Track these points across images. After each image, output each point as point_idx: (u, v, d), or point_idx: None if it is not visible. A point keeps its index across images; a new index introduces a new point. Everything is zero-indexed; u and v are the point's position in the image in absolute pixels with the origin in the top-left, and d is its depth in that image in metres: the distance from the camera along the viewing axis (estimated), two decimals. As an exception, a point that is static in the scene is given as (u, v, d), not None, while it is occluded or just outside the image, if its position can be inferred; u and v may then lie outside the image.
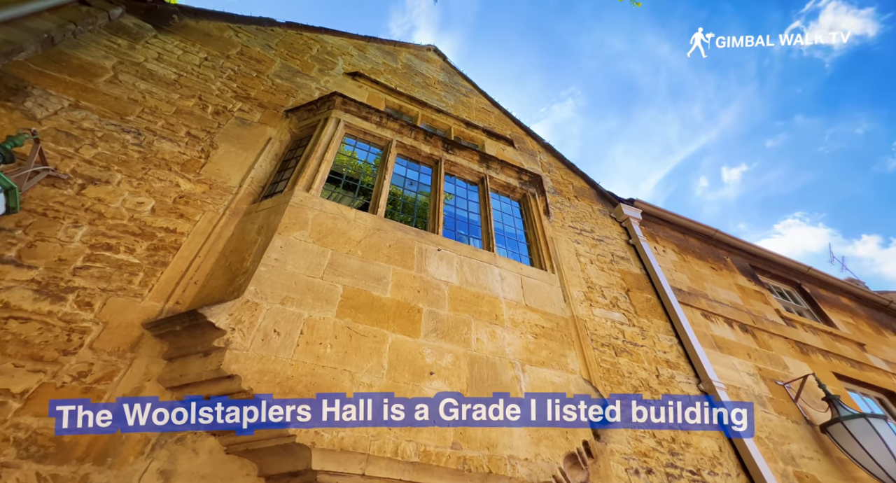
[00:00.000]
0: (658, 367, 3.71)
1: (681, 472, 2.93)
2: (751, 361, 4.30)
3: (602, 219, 5.48)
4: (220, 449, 2.00)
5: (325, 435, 1.88)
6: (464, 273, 3.19)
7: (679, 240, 5.88)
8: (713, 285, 5.26)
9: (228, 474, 1.96)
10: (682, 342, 4.08)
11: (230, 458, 2.00)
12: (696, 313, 4.58)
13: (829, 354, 5.07)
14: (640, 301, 4.40)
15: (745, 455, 3.17)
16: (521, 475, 2.17)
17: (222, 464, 1.98)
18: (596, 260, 4.65)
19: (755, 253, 6.43)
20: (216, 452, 2.00)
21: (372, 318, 2.52)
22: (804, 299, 6.39)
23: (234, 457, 2.01)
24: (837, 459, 3.61)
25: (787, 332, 5.03)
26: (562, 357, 2.99)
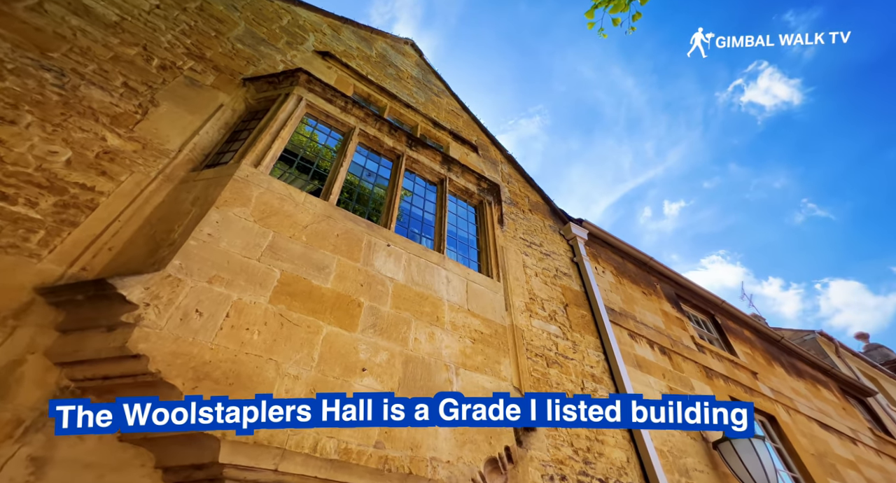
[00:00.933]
0: (584, 381, 3.91)
1: (591, 479, 3.09)
2: (664, 381, 4.67)
3: (552, 235, 5.71)
4: (114, 435, 1.80)
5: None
6: (411, 271, 3.15)
7: (618, 263, 6.28)
8: (642, 309, 5.66)
9: (119, 464, 1.76)
10: (609, 359, 4.34)
11: (123, 446, 1.80)
12: (623, 333, 4.89)
13: (729, 380, 5.65)
14: (576, 317, 4.62)
15: (648, 466, 3.43)
16: (440, 477, 2.17)
17: (113, 452, 1.78)
18: (541, 273, 4.83)
19: (681, 283, 7.03)
20: (108, 439, 1.79)
21: (308, 308, 2.40)
22: (715, 329, 7.09)
23: (129, 445, 1.81)
24: (722, 473, 4.02)
25: (698, 358, 5.54)
26: (496, 364, 3.05)
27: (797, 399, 6.74)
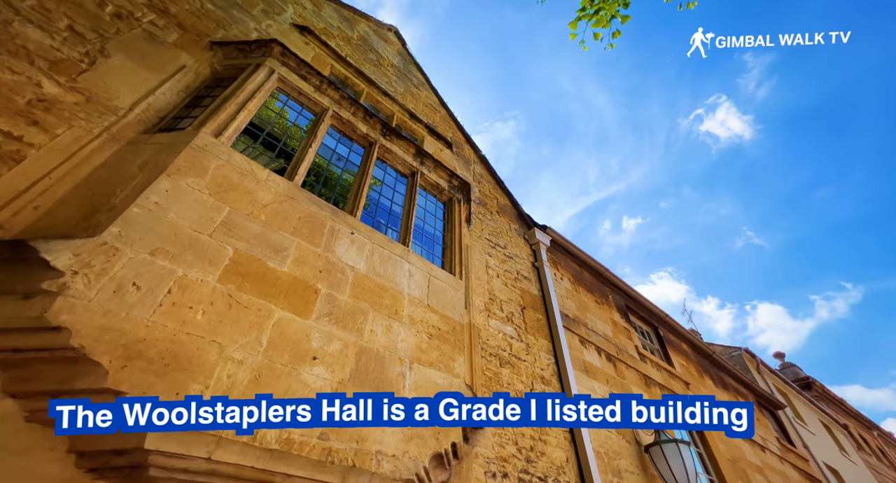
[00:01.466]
0: (534, 382, 4.01)
1: (531, 477, 3.18)
2: (607, 387, 4.90)
3: (516, 238, 5.81)
4: (20, 415, 1.61)
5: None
6: (373, 262, 3.08)
7: (576, 271, 6.51)
8: (594, 317, 5.90)
9: (24, 447, 1.58)
10: (559, 362, 4.48)
11: (31, 428, 1.62)
12: (575, 338, 5.08)
13: (664, 388, 6.03)
14: (532, 320, 4.74)
15: (585, 466, 3.58)
16: (385, 471, 2.13)
17: (18, 434, 1.59)
18: (503, 275, 4.90)
19: (632, 295, 7.41)
20: (13, 419, 1.60)
21: (261, 290, 2.28)
22: (657, 340, 7.54)
23: (38, 426, 1.62)
24: (651, 475, 4.28)
25: (640, 366, 5.86)
26: (451, 360, 3.05)
27: (721, 409, 7.31)
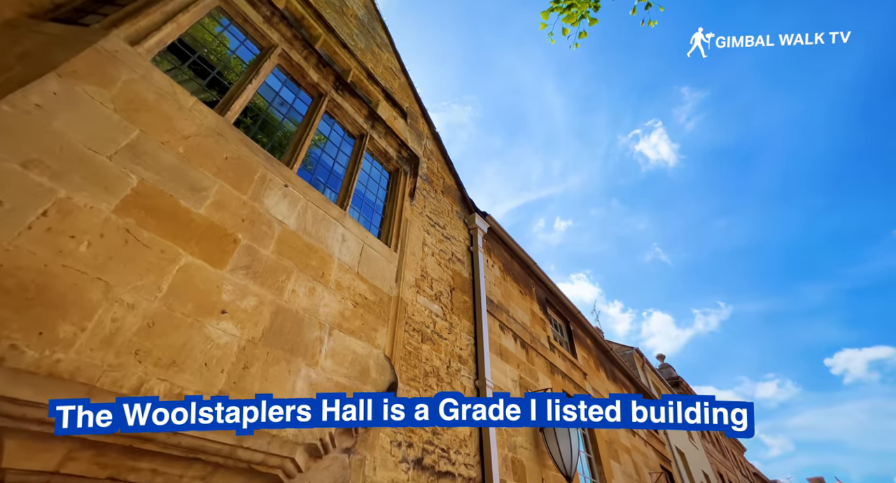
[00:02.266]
0: (451, 360, 4.13)
1: (435, 448, 3.30)
2: (518, 371, 5.23)
3: (456, 220, 5.85)
4: None
5: (27, 350, 1.36)
6: (305, 220, 2.88)
7: (507, 261, 6.77)
8: (516, 305, 6.22)
9: None
10: (478, 344, 4.66)
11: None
12: (496, 324, 5.31)
13: (566, 377, 6.61)
14: (459, 301, 4.85)
15: (485, 441, 3.80)
16: (287, 434, 2.04)
17: None
18: (438, 254, 4.92)
19: (553, 291, 7.93)
20: None
21: (168, 231, 2.01)
22: (567, 334, 8.21)
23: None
24: (541, 451, 4.70)
25: (548, 355, 6.34)
26: (373, 331, 3.00)
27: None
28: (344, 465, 2.45)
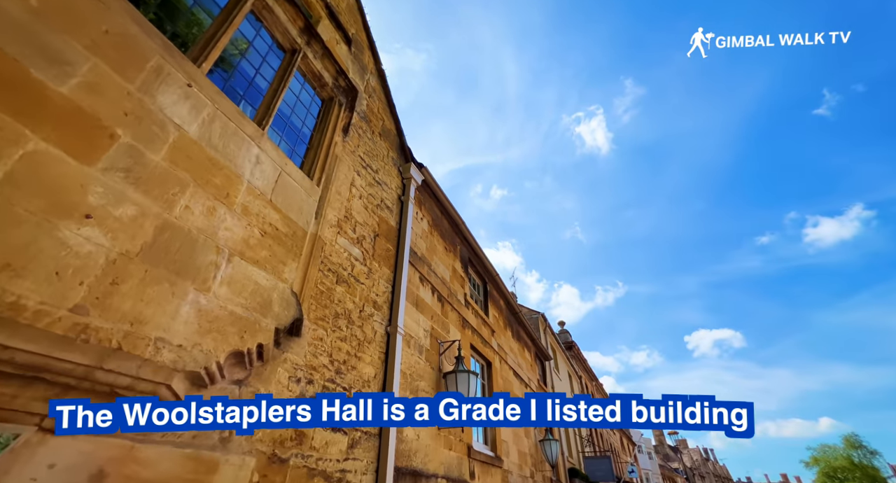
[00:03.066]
0: (365, 305, 4.10)
1: (337, 386, 3.31)
2: (431, 322, 5.40)
3: (390, 167, 5.62)
4: None
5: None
6: (212, 131, 2.50)
7: (436, 216, 6.76)
8: (439, 261, 6.32)
9: None
10: (395, 292, 4.67)
11: None
12: (416, 275, 5.35)
13: (476, 332, 7.04)
14: (382, 249, 4.76)
15: (389, 382, 3.93)
16: (163, 360, 1.85)
17: None
18: (366, 197, 4.71)
19: (477, 252, 8.19)
20: None
21: (12, 106, 1.58)
22: (483, 293, 8.66)
23: None
24: (442, 396, 5.02)
25: (462, 311, 6.65)
26: (281, 264, 2.81)
27: (510, 354, 9.04)
28: (233, 397, 2.34)
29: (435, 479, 4.36)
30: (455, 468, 4.94)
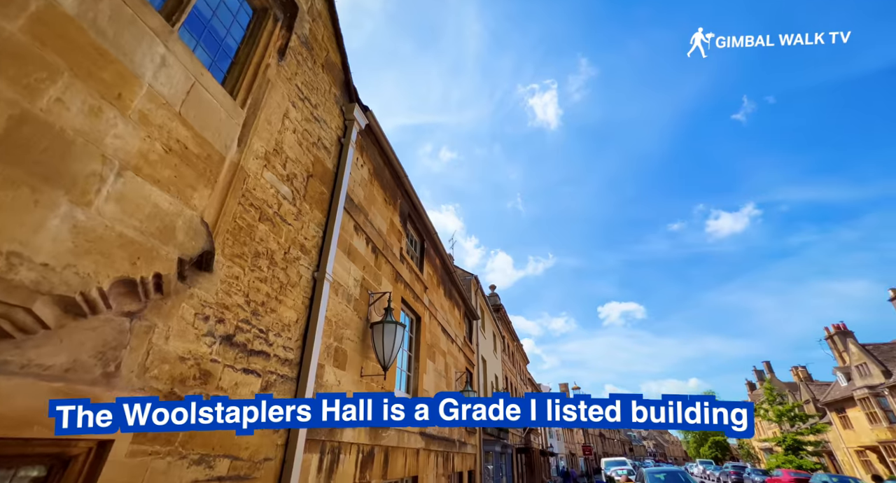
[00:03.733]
0: (292, 247, 3.84)
1: (252, 328, 3.13)
2: (362, 272, 5.29)
3: (332, 104, 5.15)
4: None
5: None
6: (98, 12, 2.01)
7: (378, 165, 6.46)
8: (377, 211, 6.11)
9: None
10: (326, 238, 4.44)
11: None
12: (350, 223, 5.13)
13: (408, 286, 7.08)
14: (316, 191, 4.44)
15: (312, 328, 3.81)
16: (20, 278, 1.54)
17: None
18: (301, 133, 4.29)
19: (417, 208, 8.06)
20: None
21: None
22: (420, 250, 8.66)
23: None
24: (367, 345, 5.05)
25: (397, 265, 6.60)
26: (191, 188, 2.46)
27: (440, 311, 9.32)
28: (120, 330, 2.07)
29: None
30: (374, 413, 5.09)
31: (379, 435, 5.09)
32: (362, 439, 4.59)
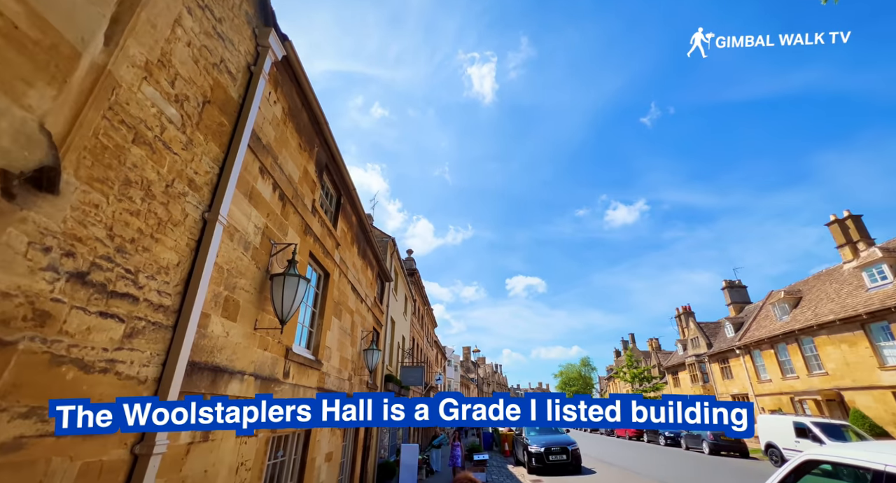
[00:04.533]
0: (177, 180, 3.33)
1: (116, 267, 2.69)
2: (266, 220, 4.86)
3: (243, 23, 4.43)
4: None
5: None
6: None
7: (295, 106, 5.84)
8: (289, 156, 5.58)
9: None
10: (223, 176, 3.94)
11: None
12: (256, 165, 4.62)
13: (318, 241, 6.75)
14: (213, 120, 3.86)
15: (196, 274, 3.42)
16: None
17: None
18: (199, 48, 3.62)
19: (336, 160, 7.57)
20: None
21: None
22: (336, 205, 8.24)
23: None
24: (264, 297, 4.74)
25: (307, 217, 6.20)
26: (23, 83, 1.93)
27: (351, 269, 9.12)
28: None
29: (241, 377, 4.22)
30: (268, 367, 4.89)
31: (271, 389, 4.93)
32: (250, 393, 4.40)
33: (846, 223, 24.52)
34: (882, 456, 2.80)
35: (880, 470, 2.75)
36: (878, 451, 2.93)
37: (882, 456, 2.80)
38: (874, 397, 19.04)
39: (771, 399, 25.50)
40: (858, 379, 19.72)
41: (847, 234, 24.37)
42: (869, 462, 2.84)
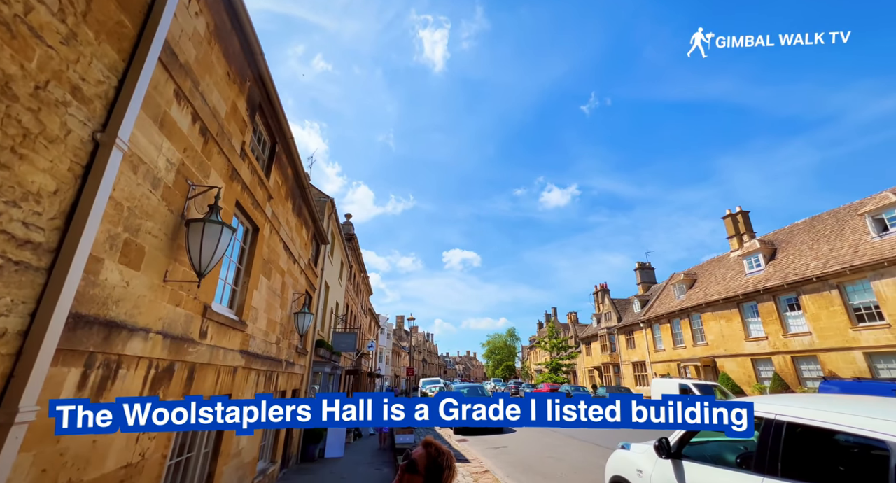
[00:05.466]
0: (53, 83, 2.57)
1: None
2: (182, 155, 4.10)
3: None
4: None
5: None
6: None
7: (224, 26, 4.91)
8: (213, 85, 4.73)
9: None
10: (122, 92, 3.15)
11: None
12: (170, 86, 3.81)
13: (247, 189, 5.98)
14: (109, 17, 3.03)
15: (83, 208, 2.74)
16: None
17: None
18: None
19: (272, 101, 6.66)
20: None
21: None
22: (270, 153, 7.37)
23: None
24: (178, 245, 4.07)
25: (235, 160, 5.41)
26: None
27: (284, 227, 8.38)
28: None
29: (145, 334, 3.62)
30: (180, 325, 4.29)
31: (184, 350, 4.35)
32: (157, 354, 3.82)
33: (737, 217, 28.35)
34: (773, 406, 3.19)
35: (770, 418, 3.13)
36: (770, 403, 3.33)
37: (773, 406, 3.19)
38: (738, 363, 22.94)
39: (663, 365, 29.53)
40: (729, 348, 23.52)
41: (737, 228, 28.24)
42: (761, 412, 3.22)
